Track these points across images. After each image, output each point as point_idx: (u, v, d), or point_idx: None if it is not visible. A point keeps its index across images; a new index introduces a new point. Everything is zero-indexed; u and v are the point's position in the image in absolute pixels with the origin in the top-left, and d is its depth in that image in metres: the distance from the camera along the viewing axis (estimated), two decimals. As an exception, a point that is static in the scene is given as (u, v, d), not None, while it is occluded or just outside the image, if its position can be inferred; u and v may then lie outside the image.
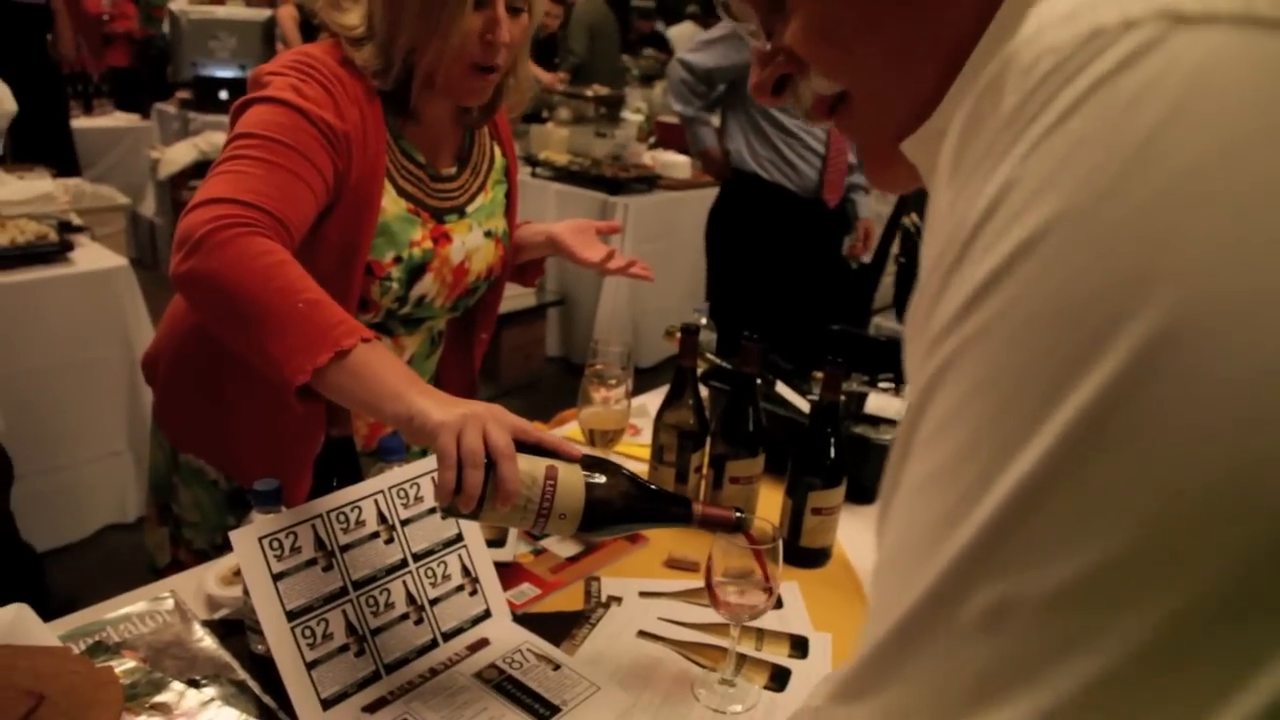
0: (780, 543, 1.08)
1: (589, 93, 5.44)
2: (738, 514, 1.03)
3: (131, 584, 1.24)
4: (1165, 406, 0.30)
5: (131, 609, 1.15)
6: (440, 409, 0.95)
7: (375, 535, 1.09)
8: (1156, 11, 0.32)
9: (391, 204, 1.32)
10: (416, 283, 1.36)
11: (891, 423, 1.76)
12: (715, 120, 3.32)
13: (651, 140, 5.00)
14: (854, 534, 1.46)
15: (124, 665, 1.03)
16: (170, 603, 1.16)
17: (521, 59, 1.39)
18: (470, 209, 1.44)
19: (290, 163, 1.16)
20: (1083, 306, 0.31)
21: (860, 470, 1.50)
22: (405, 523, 1.12)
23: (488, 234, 1.47)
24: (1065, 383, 0.31)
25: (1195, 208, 0.30)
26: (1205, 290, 0.29)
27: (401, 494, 1.12)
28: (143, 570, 1.64)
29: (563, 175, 4.50)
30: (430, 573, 1.13)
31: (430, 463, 1.15)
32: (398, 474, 1.12)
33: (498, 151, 1.52)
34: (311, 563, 1.03)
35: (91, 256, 2.83)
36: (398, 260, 1.32)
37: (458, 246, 1.40)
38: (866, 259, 3.62)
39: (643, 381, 1.66)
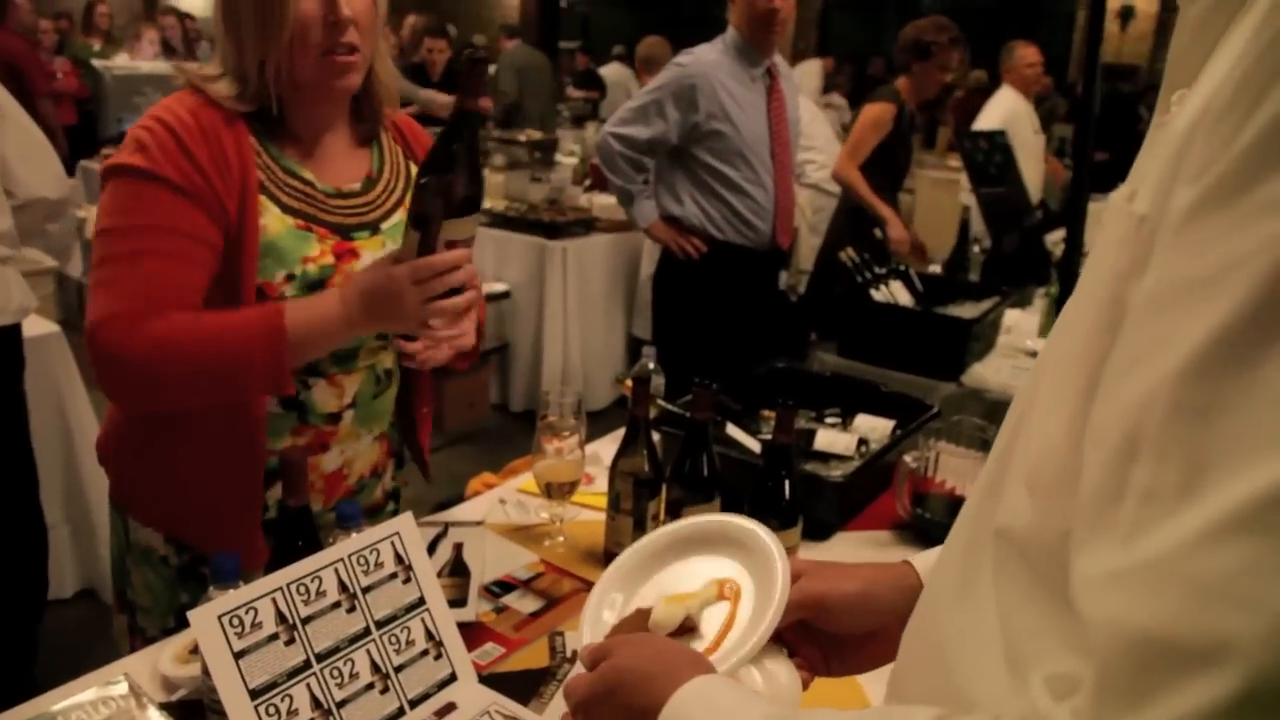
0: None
1: (522, 138, 5.47)
2: None
3: (73, 666, 1.20)
4: None
5: (82, 696, 1.11)
6: (364, 318, 1.24)
7: (337, 605, 1.08)
8: None
9: (275, 222, 1.30)
10: None
11: (842, 458, 1.79)
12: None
13: (587, 183, 5.03)
14: (812, 572, 1.48)
15: (80, 756, 1.00)
16: (123, 687, 1.13)
17: (380, 54, 1.39)
18: (386, 226, 1.43)
19: (168, 245, 1.23)
20: None
21: (814, 508, 1.52)
22: (366, 590, 1.11)
23: None
24: None
25: None
26: None
27: (361, 561, 1.11)
28: (83, 651, 1.59)
29: (500, 221, 4.51)
30: (394, 639, 1.11)
31: (389, 529, 1.14)
32: (357, 541, 1.11)
33: (413, 169, 1.51)
34: (273, 637, 1.01)
35: (24, 323, 2.75)
36: (290, 278, 1.31)
37: (366, 262, 1.37)
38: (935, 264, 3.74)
39: (593, 426, 1.67)
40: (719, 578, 0.87)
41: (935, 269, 3.52)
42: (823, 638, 0.87)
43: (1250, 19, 0.43)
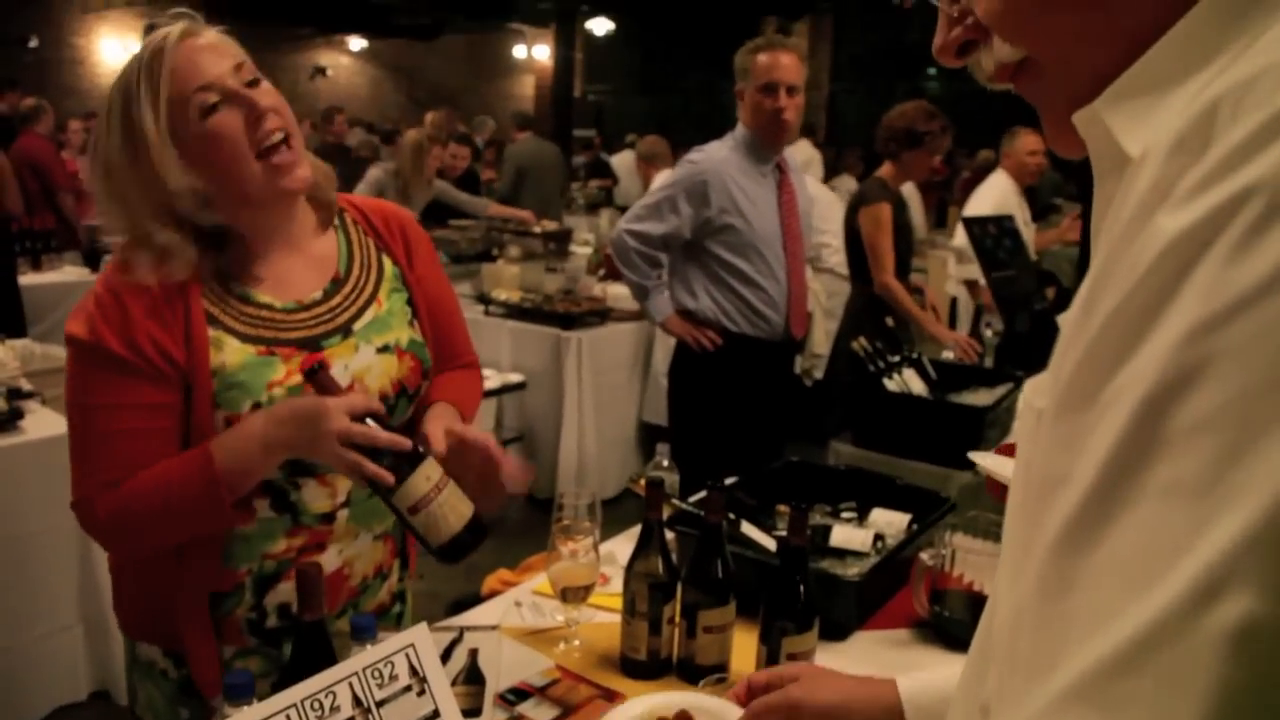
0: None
1: (537, 229, 5.56)
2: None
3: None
4: None
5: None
6: (281, 433, 1.25)
7: (350, 720, 1.07)
8: None
9: (235, 354, 1.30)
10: None
11: (858, 554, 1.77)
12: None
13: (601, 272, 5.10)
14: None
15: None
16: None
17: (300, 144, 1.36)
18: (358, 326, 1.41)
19: (128, 423, 1.29)
20: None
21: (831, 607, 1.51)
22: (380, 704, 1.10)
23: (383, 349, 1.43)
24: None
25: None
26: None
27: (376, 674, 1.10)
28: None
29: (515, 312, 4.55)
30: (407, 755, 1.10)
31: (403, 640, 1.14)
32: (371, 654, 1.11)
33: (387, 261, 1.50)
34: (286, 756, 1.00)
35: (41, 423, 2.79)
36: (257, 406, 1.31)
37: (338, 370, 1.35)
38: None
39: (608, 513, 1.67)
40: None
41: (948, 355, 3.53)
42: None
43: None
